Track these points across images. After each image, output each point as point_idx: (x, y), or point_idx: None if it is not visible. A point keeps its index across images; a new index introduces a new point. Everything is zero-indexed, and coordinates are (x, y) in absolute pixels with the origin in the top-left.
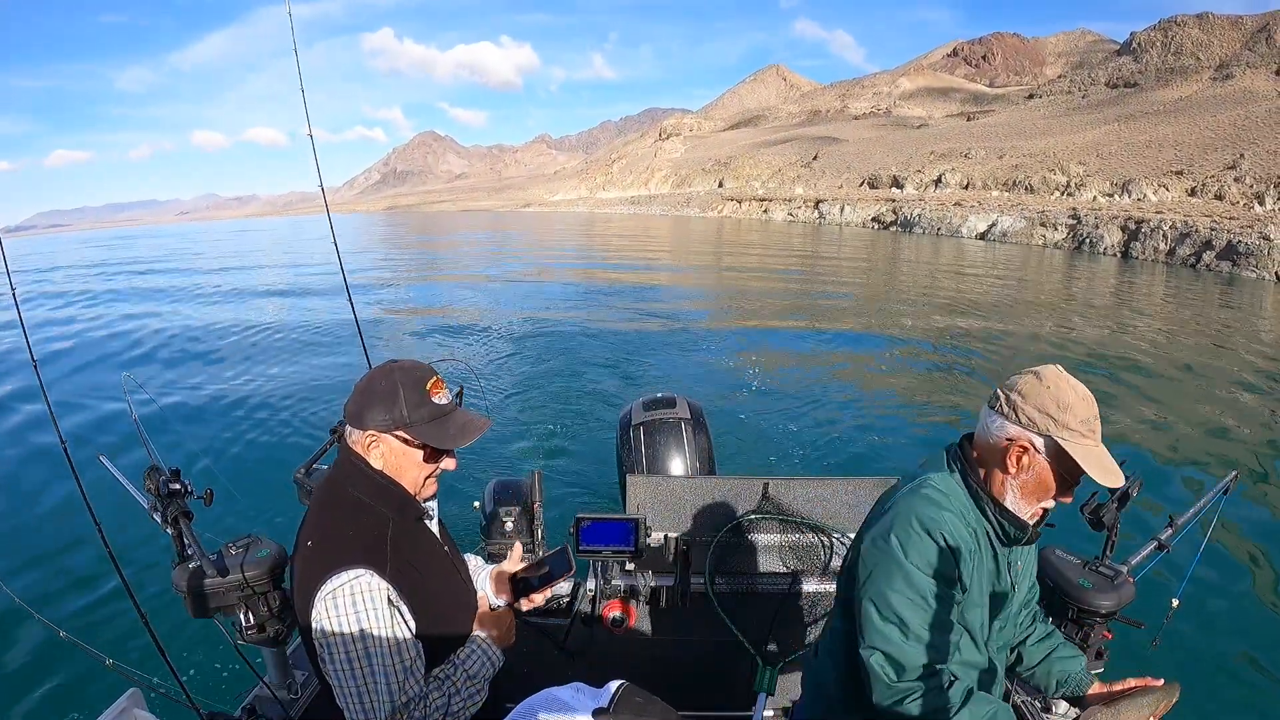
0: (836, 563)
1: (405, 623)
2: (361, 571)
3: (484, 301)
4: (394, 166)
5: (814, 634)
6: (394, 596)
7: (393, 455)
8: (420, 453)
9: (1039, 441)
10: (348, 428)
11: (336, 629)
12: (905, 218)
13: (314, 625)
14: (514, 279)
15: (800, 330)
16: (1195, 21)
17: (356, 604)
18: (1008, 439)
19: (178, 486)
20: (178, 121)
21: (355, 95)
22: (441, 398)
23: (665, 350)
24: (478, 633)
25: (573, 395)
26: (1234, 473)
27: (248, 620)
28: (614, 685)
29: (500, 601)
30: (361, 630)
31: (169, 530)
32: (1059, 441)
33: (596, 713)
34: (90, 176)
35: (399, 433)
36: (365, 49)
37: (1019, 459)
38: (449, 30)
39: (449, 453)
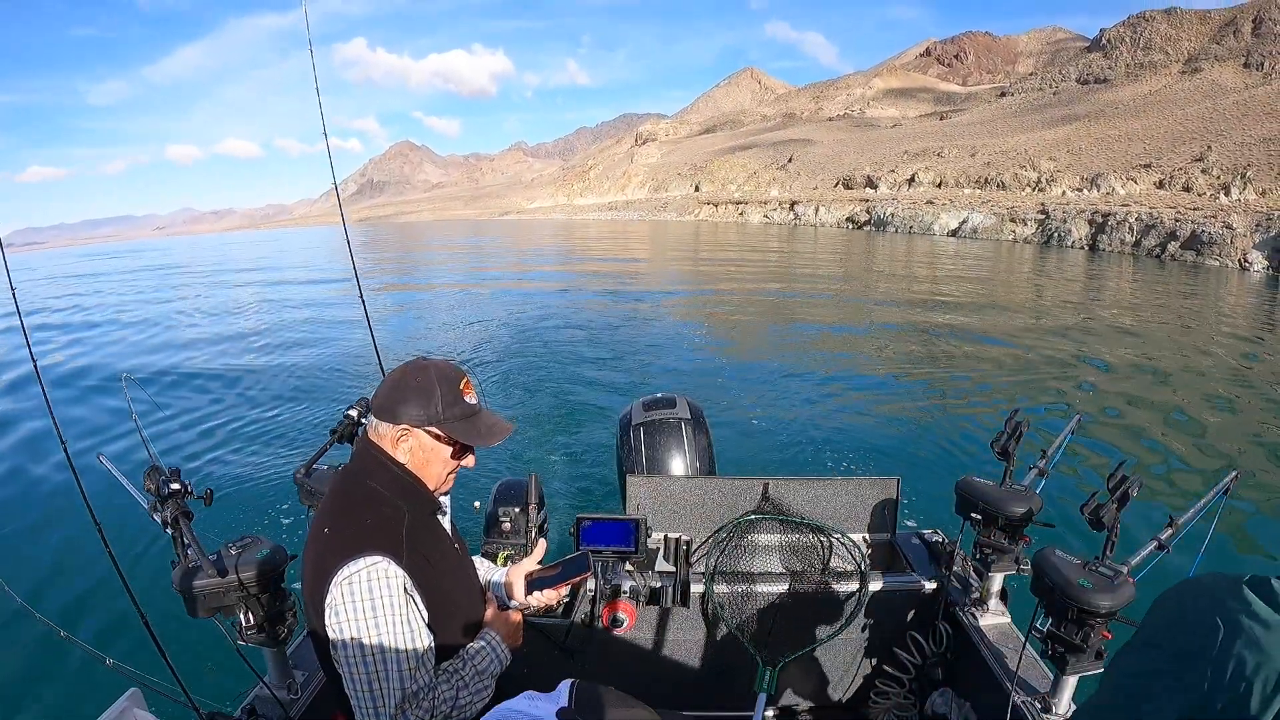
0: (836, 563)
1: (419, 612)
2: (379, 558)
3: (478, 306)
4: (371, 177)
5: (814, 634)
6: (409, 586)
7: (421, 450)
8: (449, 449)
9: None
10: (373, 420)
11: (351, 615)
12: (879, 217)
13: (327, 610)
14: (505, 284)
15: (799, 330)
16: (1164, 16)
17: (373, 590)
18: None
19: (178, 486)
20: (152, 135)
21: (329, 105)
22: (471, 398)
23: (665, 351)
24: (488, 630)
25: (572, 396)
26: (1235, 473)
27: (248, 620)
28: (566, 684)
29: (513, 601)
30: (376, 617)
31: (169, 530)
32: None
33: (561, 713)
34: (65, 193)
35: (431, 428)
36: (338, 60)
37: None
38: (421, 39)
39: (471, 451)
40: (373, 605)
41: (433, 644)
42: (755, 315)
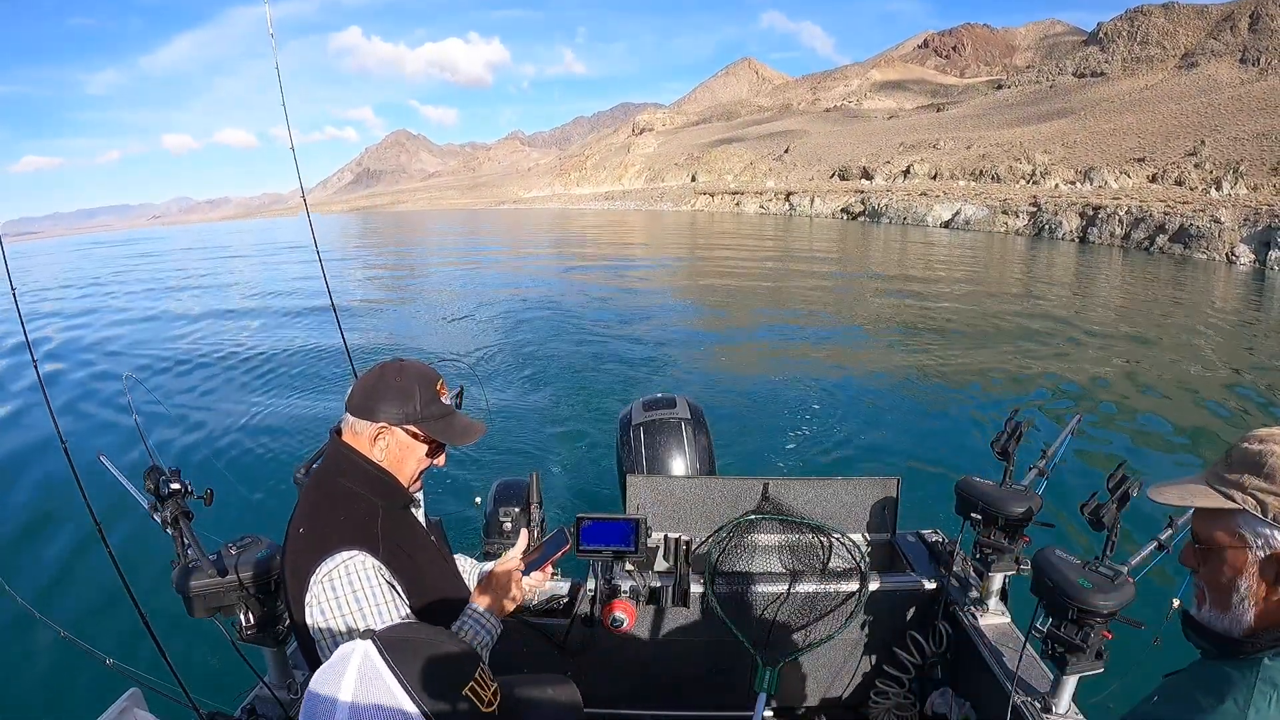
0: (836, 563)
1: (402, 600)
2: (355, 552)
3: (479, 304)
4: (367, 166)
5: (814, 634)
6: (389, 576)
7: (398, 447)
8: (424, 447)
9: None
10: (350, 419)
11: (336, 610)
12: (873, 208)
13: (309, 607)
14: (507, 280)
15: (798, 330)
16: (1161, 11)
17: (354, 583)
18: None
19: (178, 486)
20: (147, 125)
21: (325, 95)
22: (446, 398)
23: (665, 349)
24: (472, 604)
25: (572, 395)
26: None
27: (248, 620)
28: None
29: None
30: (361, 607)
31: (169, 530)
32: None
33: (365, 633)
34: (60, 182)
35: (409, 427)
36: (333, 48)
37: None
38: (417, 27)
39: (442, 451)
40: (356, 597)
41: None
42: (755, 314)
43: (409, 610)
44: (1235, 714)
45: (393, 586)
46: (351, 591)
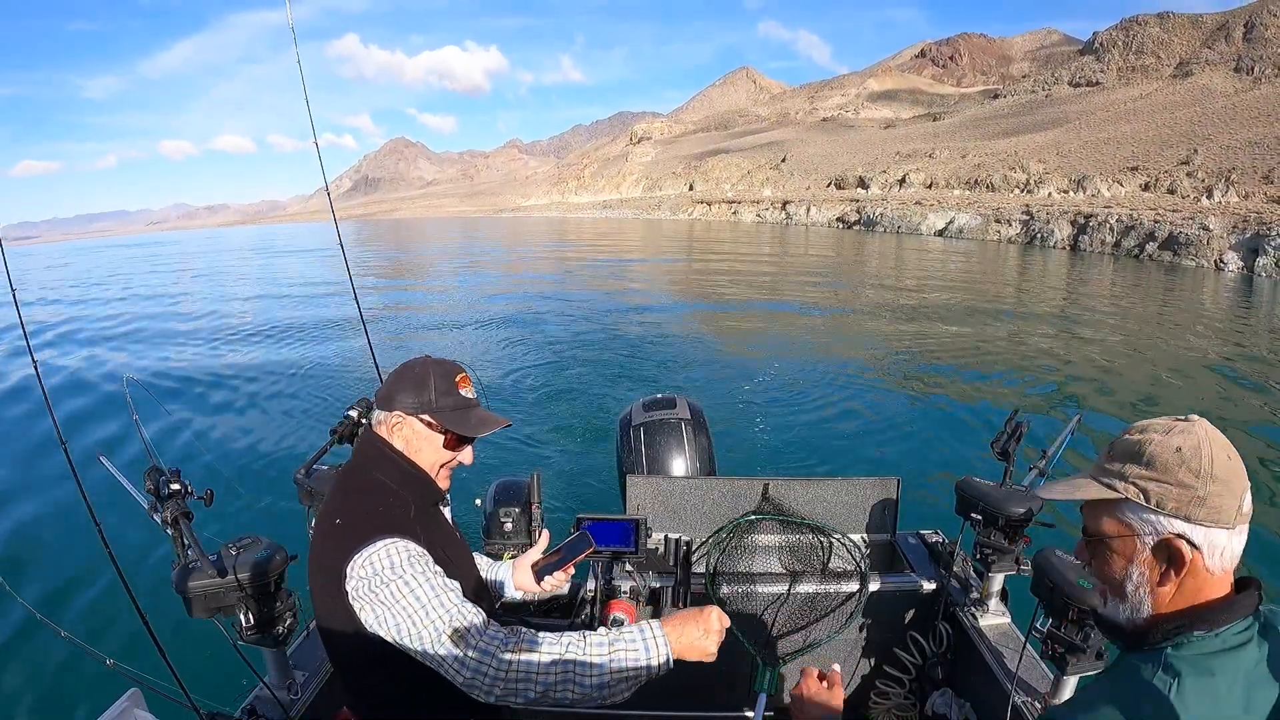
0: (836, 563)
1: (450, 584)
2: (397, 539)
3: (480, 307)
4: (366, 174)
5: (814, 634)
6: (429, 560)
7: (415, 438)
8: (441, 439)
9: None
10: (375, 411)
11: (383, 584)
12: (868, 217)
13: (352, 595)
14: (507, 283)
15: (797, 331)
16: (1156, 20)
17: (394, 561)
18: None
19: (178, 486)
20: (146, 130)
21: (323, 102)
22: (468, 392)
23: (664, 350)
24: (651, 622)
25: (573, 396)
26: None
27: (248, 620)
28: None
29: (517, 595)
30: (412, 577)
31: (169, 531)
32: None
33: None
34: (59, 187)
35: (424, 416)
36: (331, 55)
37: None
38: (414, 35)
39: (468, 445)
40: (399, 573)
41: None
42: (754, 316)
43: (459, 591)
44: (1136, 705)
45: (439, 573)
46: (392, 567)
